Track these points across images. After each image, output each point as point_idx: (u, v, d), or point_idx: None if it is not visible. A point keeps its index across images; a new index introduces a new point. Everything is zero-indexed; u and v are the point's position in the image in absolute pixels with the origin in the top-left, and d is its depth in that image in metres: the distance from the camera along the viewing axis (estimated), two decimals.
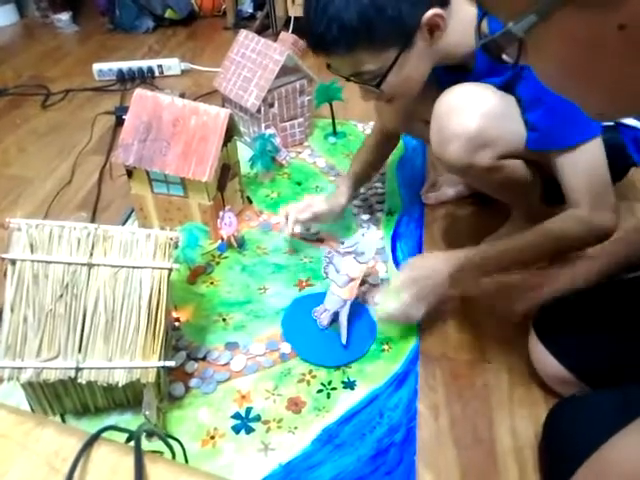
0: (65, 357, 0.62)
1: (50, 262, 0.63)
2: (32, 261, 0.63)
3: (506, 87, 0.80)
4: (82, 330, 0.64)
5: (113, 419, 0.74)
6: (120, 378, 0.64)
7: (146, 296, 0.65)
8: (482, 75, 0.81)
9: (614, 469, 0.48)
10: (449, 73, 0.85)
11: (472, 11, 0.73)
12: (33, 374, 0.62)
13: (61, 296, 0.63)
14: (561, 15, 0.33)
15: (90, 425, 0.73)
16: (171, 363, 0.66)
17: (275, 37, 1.42)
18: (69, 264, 0.64)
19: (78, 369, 0.63)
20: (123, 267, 0.64)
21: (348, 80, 0.82)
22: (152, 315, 0.65)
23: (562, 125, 0.76)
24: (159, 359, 0.65)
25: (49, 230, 0.64)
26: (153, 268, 0.65)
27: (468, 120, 0.79)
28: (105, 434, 0.38)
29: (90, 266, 0.64)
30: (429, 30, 0.75)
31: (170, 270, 0.67)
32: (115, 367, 0.63)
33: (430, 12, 0.73)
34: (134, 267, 0.65)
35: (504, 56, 0.41)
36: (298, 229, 1.05)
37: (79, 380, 0.62)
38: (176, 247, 0.70)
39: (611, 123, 0.83)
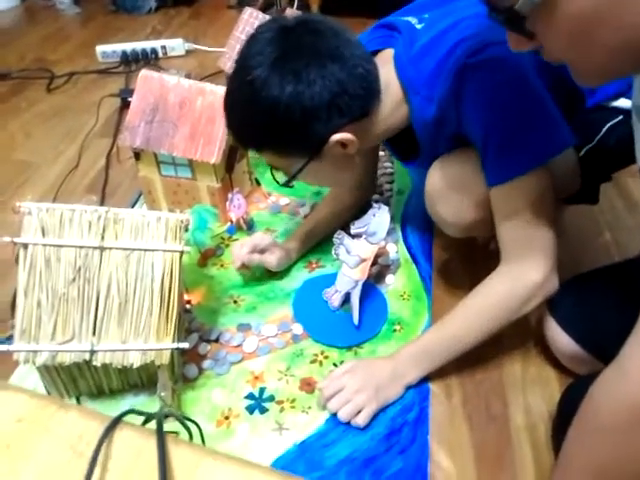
0: (80, 340, 0.63)
1: (62, 246, 0.63)
2: (44, 245, 0.63)
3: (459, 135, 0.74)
4: (96, 313, 0.64)
5: (128, 401, 0.75)
6: (135, 360, 0.64)
7: (158, 279, 0.65)
8: (423, 135, 0.77)
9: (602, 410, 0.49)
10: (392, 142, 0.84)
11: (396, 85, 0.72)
12: (48, 357, 0.63)
13: (74, 280, 0.63)
14: None
15: (106, 407, 0.74)
16: (185, 345, 0.66)
17: (280, 14, 1.39)
18: (81, 247, 0.64)
19: (93, 351, 0.63)
20: (135, 250, 0.64)
21: None
22: (165, 297, 0.65)
23: (496, 159, 0.68)
24: (173, 341, 0.65)
25: (60, 213, 0.64)
26: (165, 251, 0.65)
27: (460, 212, 0.75)
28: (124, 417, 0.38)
29: (102, 249, 0.64)
30: (341, 145, 0.71)
31: (182, 253, 0.67)
32: (129, 349, 0.64)
33: (336, 136, 0.69)
34: (146, 250, 0.65)
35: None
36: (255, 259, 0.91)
37: (94, 363, 0.63)
38: (187, 230, 0.69)
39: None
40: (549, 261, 0.68)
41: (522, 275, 0.69)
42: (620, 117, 0.77)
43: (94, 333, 0.63)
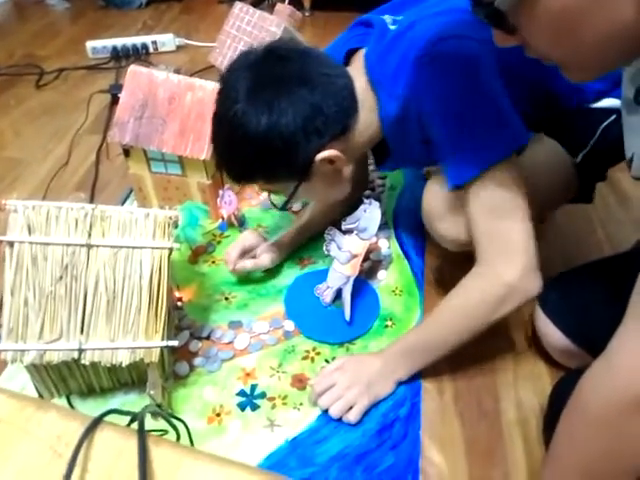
0: (67, 338, 0.62)
1: (48, 244, 0.63)
2: (30, 243, 0.62)
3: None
4: (84, 311, 0.63)
5: (118, 399, 0.74)
6: (123, 358, 0.63)
7: (147, 276, 0.64)
8: (390, 134, 0.76)
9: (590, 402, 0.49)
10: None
11: (371, 96, 0.72)
12: (36, 356, 0.62)
13: (61, 278, 0.62)
14: None
15: (96, 406, 0.74)
16: (174, 342, 0.66)
17: (271, 9, 1.39)
18: (68, 245, 0.63)
19: (81, 350, 0.62)
20: (123, 247, 0.64)
21: None
22: (153, 295, 0.64)
23: (451, 159, 0.68)
24: (162, 339, 0.65)
25: (46, 211, 0.63)
26: (153, 248, 0.65)
27: (457, 230, 0.74)
28: (108, 417, 0.38)
29: (89, 247, 0.63)
30: (328, 162, 0.72)
31: (170, 250, 0.66)
32: (118, 347, 0.63)
33: (321, 155, 0.69)
34: (134, 247, 0.64)
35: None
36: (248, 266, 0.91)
37: (82, 361, 0.62)
38: (176, 226, 0.69)
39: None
40: (524, 261, 0.65)
41: (495, 276, 0.66)
42: (614, 116, 0.76)
43: (82, 331, 0.62)
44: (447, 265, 0.96)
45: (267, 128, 0.66)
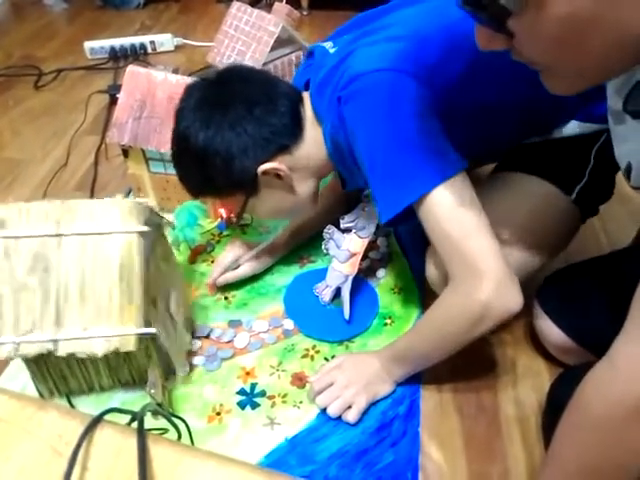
0: (42, 330, 0.61)
1: (20, 237, 0.63)
2: (2, 237, 0.62)
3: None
4: (57, 302, 0.62)
5: (119, 398, 0.75)
6: (99, 348, 0.62)
7: (116, 262, 0.63)
8: (342, 170, 0.78)
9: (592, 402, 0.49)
10: None
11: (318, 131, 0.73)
12: (12, 350, 0.61)
13: (33, 269, 0.62)
14: None
15: (96, 405, 0.74)
16: (151, 330, 0.63)
17: (269, 8, 1.39)
18: (38, 237, 0.63)
19: (55, 341, 0.61)
20: (91, 234, 0.63)
21: None
22: (125, 281, 0.63)
23: (379, 193, 0.65)
24: (138, 326, 0.63)
25: (17, 207, 0.64)
26: (122, 233, 0.64)
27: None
28: (108, 416, 0.38)
29: (59, 237, 0.63)
30: (273, 175, 0.72)
31: (141, 234, 0.65)
32: (92, 336, 0.61)
33: (262, 168, 0.71)
34: (102, 233, 0.63)
35: None
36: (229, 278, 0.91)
37: (58, 353, 0.60)
38: (151, 212, 0.68)
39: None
40: (494, 277, 0.60)
41: (469, 295, 0.62)
42: (604, 136, 0.73)
43: (56, 322, 0.62)
44: None
45: (204, 144, 0.70)
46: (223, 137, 0.69)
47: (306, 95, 0.75)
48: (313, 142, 0.74)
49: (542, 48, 0.40)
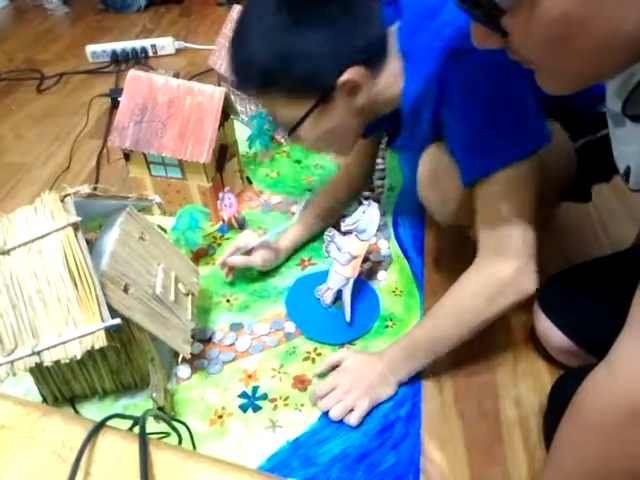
0: (23, 345, 0.61)
1: None
2: None
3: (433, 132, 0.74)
4: (27, 315, 0.62)
5: (122, 402, 0.75)
6: (75, 350, 0.60)
7: (61, 260, 0.61)
8: (408, 120, 0.76)
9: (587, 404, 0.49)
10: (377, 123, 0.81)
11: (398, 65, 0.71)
12: (8, 369, 0.60)
13: None
14: None
15: (100, 409, 0.74)
16: (115, 321, 0.61)
17: None
18: None
19: (38, 353, 0.60)
20: (32, 241, 0.62)
21: None
22: (76, 276, 0.61)
23: (475, 154, 0.68)
24: (104, 319, 0.60)
25: None
26: (57, 230, 0.62)
27: (446, 199, 0.76)
28: (111, 421, 0.38)
29: (5, 253, 0.63)
30: (349, 89, 0.70)
31: (73, 225, 0.63)
32: (66, 340, 0.60)
33: (347, 74, 0.67)
34: (40, 237, 0.62)
35: None
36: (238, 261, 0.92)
37: (45, 364, 0.60)
38: (65, 200, 0.66)
39: None
40: (523, 260, 0.66)
41: (490, 272, 0.68)
42: None
43: (34, 335, 0.61)
44: (447, 265, 0.96)
45: (297, 35, 0.65)
46: (316, 32, 0.65)
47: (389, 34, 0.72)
48: (392, 74, 0.71)
49: (535, 47, 0.41)
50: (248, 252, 0.91)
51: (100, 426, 0.36)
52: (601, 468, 0.48)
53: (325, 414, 0.72)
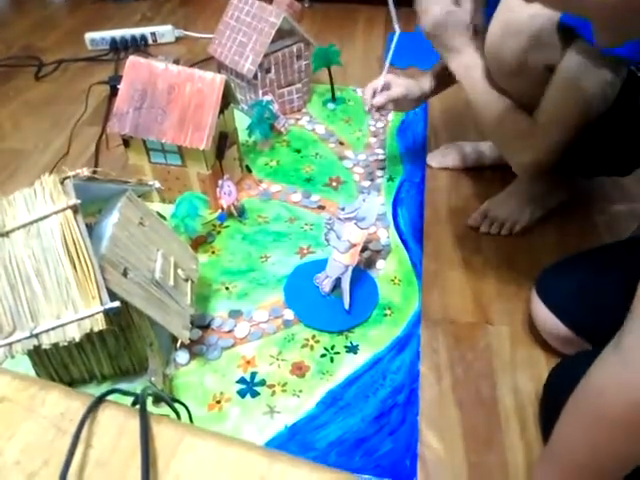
0: (22, 328, 0.61)
1: None
2: None
3: None
4: (26, 298, 0.61)
5: (119, 386, 0.75)
6: (74, 333, 0.60)
7: (61, 243, 0.61)
8: None
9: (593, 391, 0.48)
10: None
11: None
12: (6, 352, 0.60)
13: None
14: None
15: (97, 392, 0.74)
16: (115, 304, 0.60)
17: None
18: None
19: (37, 335, 0.60)
20: (32, 223, 0.62)
21: None
22: (75, 259, 0.61)
23: None
24: (103, 303, 0.60)
25: None
26: (56, 212, 0.62)
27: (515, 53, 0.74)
28: (111, 398, 0.38)
29: (4, 235, 0.62)
30: None
31: (73, 207, 0.63)
32: (65, 323, 0.60)
33: None
34: (40, 219, 0.62)
35: None
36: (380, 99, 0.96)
37: (43, 346, 0.60)
38: (64, 182, 0.65)
39: None
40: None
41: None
42: None
43: (32, 318, 0.60)
44: (445, 255, 0.97)
45: None
46: None
47: None
48: None
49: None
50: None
51: (100, 399, 0.36)
52: (613, 463, 0.48)
53: (323, 400, 0.73)
